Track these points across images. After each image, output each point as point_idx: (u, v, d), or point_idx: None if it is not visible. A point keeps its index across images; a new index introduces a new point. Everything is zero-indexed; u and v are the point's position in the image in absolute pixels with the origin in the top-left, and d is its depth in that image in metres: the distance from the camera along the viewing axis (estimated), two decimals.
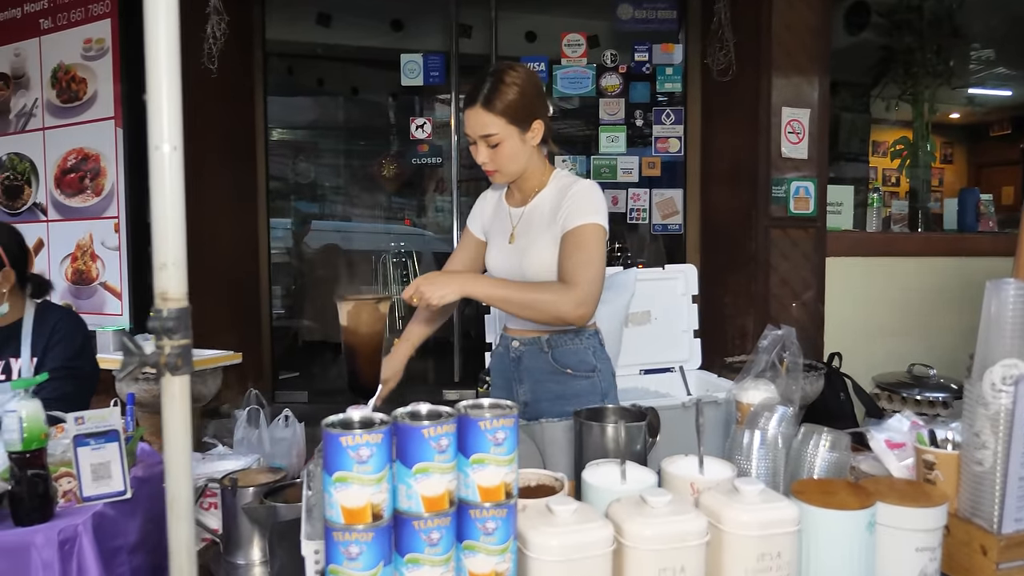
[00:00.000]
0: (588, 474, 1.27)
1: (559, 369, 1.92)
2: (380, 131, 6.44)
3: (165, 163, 0.93)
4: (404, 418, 0.98)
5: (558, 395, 1.92)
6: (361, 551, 0.94)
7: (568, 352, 1.91)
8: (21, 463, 1.63)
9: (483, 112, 1.79)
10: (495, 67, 1.84)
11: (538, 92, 1.85)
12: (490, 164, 1.85)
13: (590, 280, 1.75)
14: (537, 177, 1.92)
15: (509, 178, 1.90)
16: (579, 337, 1.92)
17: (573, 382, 1.91)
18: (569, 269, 1.77)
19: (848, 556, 1.12)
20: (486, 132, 1.80)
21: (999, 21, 5.96)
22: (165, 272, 0.96)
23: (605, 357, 1.97)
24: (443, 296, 1.71)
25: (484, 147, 1.83)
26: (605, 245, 1.82)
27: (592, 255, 1.77)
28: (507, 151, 1.82)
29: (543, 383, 1.93)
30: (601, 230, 1.80)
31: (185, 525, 1.02)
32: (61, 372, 2.30)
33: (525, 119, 1.81)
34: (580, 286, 1.73)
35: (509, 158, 1.83)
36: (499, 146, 1.82)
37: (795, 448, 1.43)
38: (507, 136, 1.81)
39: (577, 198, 1.82)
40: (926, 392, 3.60)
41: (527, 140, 1.84)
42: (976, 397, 1.23)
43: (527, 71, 1.84)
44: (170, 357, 0.95)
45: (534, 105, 1.82)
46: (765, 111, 3.95)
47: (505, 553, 1.00)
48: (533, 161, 1.90)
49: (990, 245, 4.52)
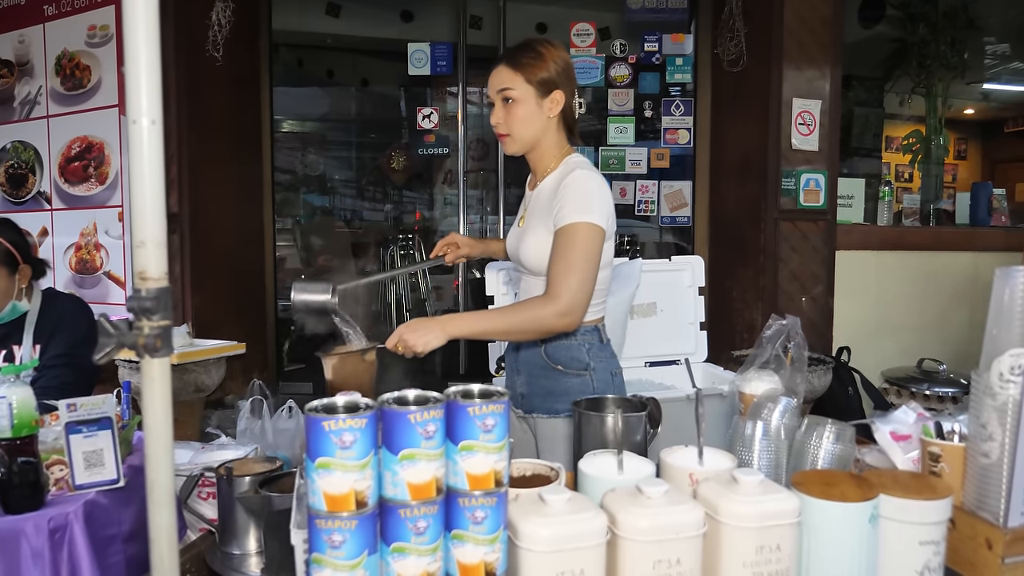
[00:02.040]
0: (584, 464, 1.24)
1: (551, 365, 1.87)
2: (388, 123, 6.42)
3: (144, 137, 0.90)
4: (390, 403, 0.95)
5: (549, 391, 1.87)
6: (344, 539, 0.91)
7: (560, 348, 1.86)
8: (11, 450, 1.61)
9: (506, 69, 1.81)
10: (531, 37, 1.87)
11: (565, 69, 1.83)
12: (502, 126, 1.83)
13: (574, 287, 1.69)
14: (549, 158, 1.88)
15: (519, 145, 1.86)
16: (573, 334, 1.85)
17: (564, 379, 1.86)
18: (552, 276, 1.72)
19: (849, 549, 1.08)
20: (503, 86, 1.81)
21: (1016, 13, 5.87)
22: (144, 250, 0.93)
23: (604, 355, 1.89)
24: (427, 343, 1.69)
25: (500, 106, 1.83)
26: (598, 242, 1.74)
27: (577, 259, 1.70)
28: (520, 112, 1.81)
29: (536, 377, 1.89)
30: (590, 229, 1.71)
31: (166, 512, 1.00)
32: (63, 359, 2.29)
33: (545, 86, 1.80)
34: (562, 296, 1.69)
35: (522, 121, 1.81)
36: (514, 105, 1.81)
37: (798, 440, 1.39)
38: (523, 97, 1.80)
39: (569, 191, 1.76)
40: (936, 387, 3.57)
41: (543, 108, 1.82)
42: (983, 388, 1.19)
43: (561, 50, 1.85)
44: (148, 338, 0.92)
45: (558, 78, 1.81)
46: (776, 102, 3.90)
47: (495, 543, 0.98)
48: (548, 138, 1.86)
49: (1002, 240, 4.47)
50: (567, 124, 1.88)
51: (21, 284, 2.36)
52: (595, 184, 1.77)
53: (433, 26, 5.12)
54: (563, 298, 1.68)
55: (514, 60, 1.80)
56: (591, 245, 1.72)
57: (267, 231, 4.60)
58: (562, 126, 1.87)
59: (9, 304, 2.34)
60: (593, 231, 1.72)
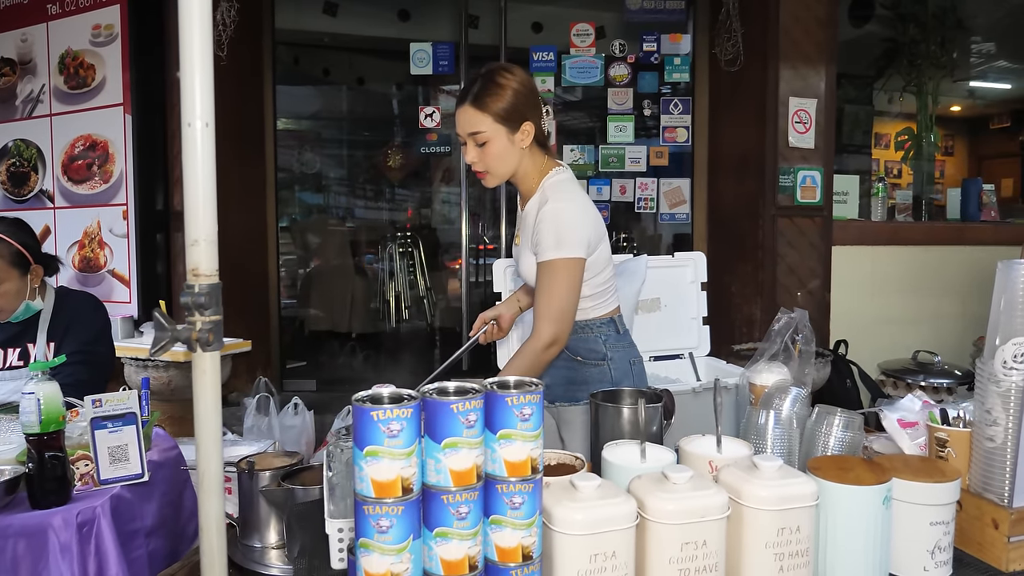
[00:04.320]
0: (608, 453, 1.29)
1: (571, 356, 1.97)
2: (386, 121, 6.44)
3: (197, 139, 0.94)
4: (433, 394, 1.00)
5: (569, 380, 1.97)
6: (391, 524, 0.95)
7: (579, 341, 1.96)
8: (39, 445, 1.63)
9: (472, 110, 1.82)
10: (488, 67, 1.86)
11: (530, 94, 1.85)
12: (479, 164, 1.87)
13: (553, 322, 1.80)
14: (530, 181, 1.93)
15: (498, 180, 1.90)
16: (589, 326, 1.97)
17: (583, 369, 1.97)
18: (535, 314, 1.85)
19: (865, 530, 1.13)
20: (474, 129, 1.82)
21: (1002, 14, 5.96)
22: (197, 248, 0.97)
23: (622, 345, 2.00)
24: None
25: (472, 146, 1.85)
26: (575, 271, 1.82)
27: (553, 295, 1.81)
28: (494, 150, 1.84)
29: (556, 368, 1.97)
30: (565, 263, 1.80)
31: (215, 501, 1.04)
32: (78, 356, 2.31)
33: (514, 120, 1.83)
34: (542, 333, 1.80)
35: (496, 158, 1.85)
36: (487, 145, 1.84)
37: (809, 429, 1.45)
38: (495, 135, 1.82)
39: (542, 228, 1.82)
40: (931, 378, 3.64)
41: (516, 141, 1.85)
42: (988, 375, 1.25)
43: (521, 73, 1.86)
44: (201, 332, 0.97)
45: (525, 107, 1.83)
46: (772, 101, 3.96)
47: (532, 527, 1.02)
48: (525, 165, 1.90)
49: (992, 234, 4.55)
50: (540, 144, 1.92)
51: (34, 284, 2.37)
52: (567, 214, 1.82)
53: (430, 25, 5.13)
54: (544, 334, 1.81)
55: (478, 100, 1.81)
56: (568, 276, 1.81)
57: (270, 229, 4.62)
58: (536, 148, 1.91)
59: (23, 304, 2.36)
60: (568, 264, 1.81)
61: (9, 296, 2.31)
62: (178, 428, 2.94)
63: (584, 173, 4.70)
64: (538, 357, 1.82)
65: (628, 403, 1.56)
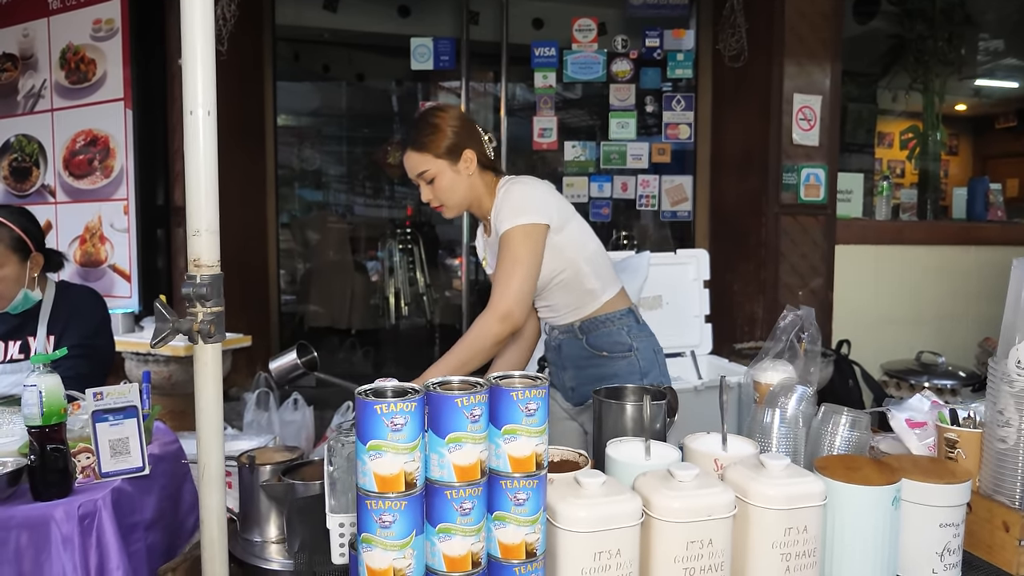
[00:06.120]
0: (612, 450, 1.28)
1: (595, 353, 1.98)
2: (386, 117, 6.43)
3: (199, 127, 0.93)
4: (436, 388, 0.98)
5: (599, 378, 1.96)
6: (394, 519, 0.94)
7: (601, 336, 1.97)
8: (40, 438, 1.62)
9: (413, 153, 1.92)
10: (421, 111, 2.00)
11: (463, 125, 1.94)
12: (434, 200, 1.95)
13: (510, 292, 1.80)
14: (486, 201, 1.99)
15: (456, 210, 1.97)
16: (610, 320, 1.98)
17: (611, 363, 1.97)
18: (493, 286, 1.85)
19: (873, 531, 1.12)
20: (419, 170, 1.92)
21: (1012, 10, 5.92)
22: (198, 238, 0.96)
23: (644, 335, 2.02)
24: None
25: (424, 185, 1.94)
26: (535, 238, 1.84)
27: (511, 264, 1.82)
28: (443, 184, 1.92)
29: (583, 368, 1.99)
30: (523, 229, 1.83)
31: (216, 494, 1.03)
32: (78, 350, 2.29)
33: (454, 152, 1.91)
34: (498, 304, 1.80)
35: (447, 191, 1.93)
36: (435, 181, 1.92)
37: (815, 427, 1.43)
38: (439, 170, 1.91)
39: (500, 206, 1.90)
40: (935, 379, 3.61)
41: (461, 171, 1.93)
42: (1001, 375, 1.23)
43: (453, 109, 1.97)
44: (203, 324, 0.96)
45: (461, 138, 1.92)
46: (777, 98, 3.94)
47: (535, 524, 1.01)
48: (477, 189, 1.97)
49: (999, 234, 4.52)
50: (487, 167, 1.98)
51: (33, 273, 2.35)
52: (521, 189, 1.90)
53: (430, 21, 5.11)
54: (499, 305, 1.80)
55: (417, 143, 1.90)
56: (526, 244, 1.83)
57: (270, 225, 4.61)
58: (484, 171, 1.98)
59: (21, 293, 2.33)
60: (527, 230, 1.83)
61: (8, 281, 2.29)
62: (179, 422, 2.93)
63: (585, 170, 4.69)
64: (489, 333, 1.79)
65: (632, 400, 1.54)
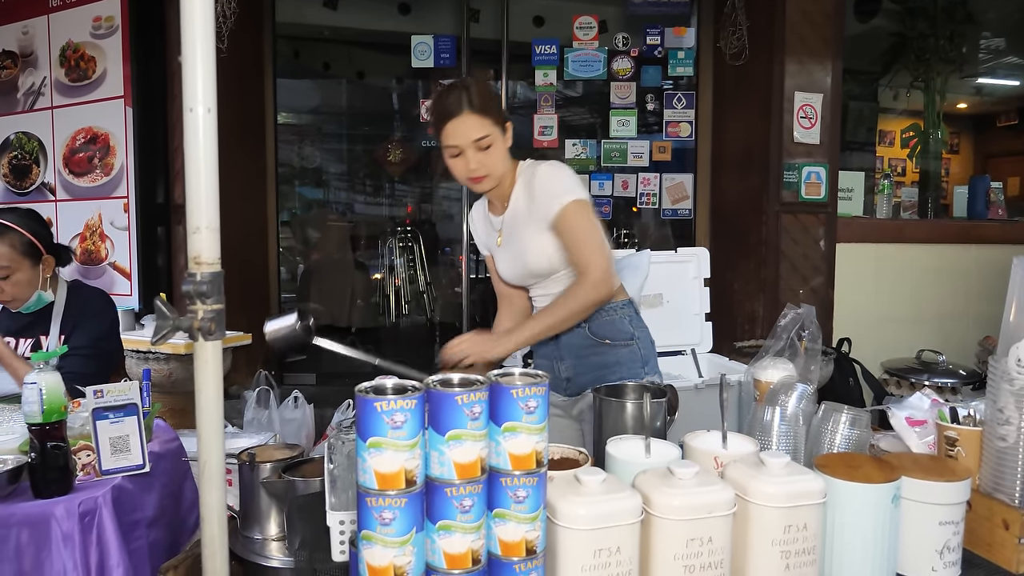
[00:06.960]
0: (612, 447, 1.28)
1: (598, 341, 1.96)
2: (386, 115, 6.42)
3: (199, 125, 0.93)
4: (436, 385, 0.98)
5: (600, 366, 1.96)
6: (394, 516, 0.94)
7: (604, 324, 1.96)
8: (41, 435, 1.62)
9: (473, 116, 1.83)
10: (462, 79, 1.92)
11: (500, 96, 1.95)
12: (481, 169, 1.86)
13: (596, 256, 1.82)
14: (510, 178, 1.97)
15: (496, 181, 1.92)
16: (612, 308, 1.97)
17: (613, 351, 1.96)
18: (574, 258, 1.85)
19: (873, 529, 1.12)
20: (481, 134, 1.84)
21: (1014, 8, 5.91)
22: (198, 236, 0.96)
23: (642, 325, 2.02)
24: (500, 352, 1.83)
25: (475, 153, 1.85)
26: (591, 211, 1.86)
27: (583, 232, 1.83)
28: (497, 152, 1.88)
29: (585, 357, 1.97)
30: (579, 204, 1.84)
31: (217, 492, 1.02)
32: (87, 351, 2.31)
33: (503, 120, 1.90)
34: (589, 269, 1.81)
35: (499, 159, 1.89)
36: (491, 148, 1.86)
37: (815, 425, 1.43)
38: (496, 138, 1.87)
39: (545, 184, 1.87)
40: (935, 378, 3.62)
41: (507, 141, 1.92)
42: (1001, 373, 1.23)
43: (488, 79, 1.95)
44: (203, 321, 0.96)
45: (503, 109, 1.92)
46: (778, 96, 3.93)
47: (535, 521, 1.01)
48: (509, 164, 1.95)
49: (1000, 233, 4.52)
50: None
51: (45, 274, 2.37)
52: (557, 169, 1.89)
53: (431, 19, 5.11)
54: (592, 270, 1.80)
55: (481, 106, 1.83)
56: (590, 216, 1.85)
57: (271, 223, 4.61)
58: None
59: (35, 294, 2.36)
60: (581, 205, 1.84)
61: (22, 285, 2.31)
62: (179, 420, 2.93)
63: (586, 168, 4.68)
64: (586, 298, 1.81)
65: (632, 398, 1.55)
